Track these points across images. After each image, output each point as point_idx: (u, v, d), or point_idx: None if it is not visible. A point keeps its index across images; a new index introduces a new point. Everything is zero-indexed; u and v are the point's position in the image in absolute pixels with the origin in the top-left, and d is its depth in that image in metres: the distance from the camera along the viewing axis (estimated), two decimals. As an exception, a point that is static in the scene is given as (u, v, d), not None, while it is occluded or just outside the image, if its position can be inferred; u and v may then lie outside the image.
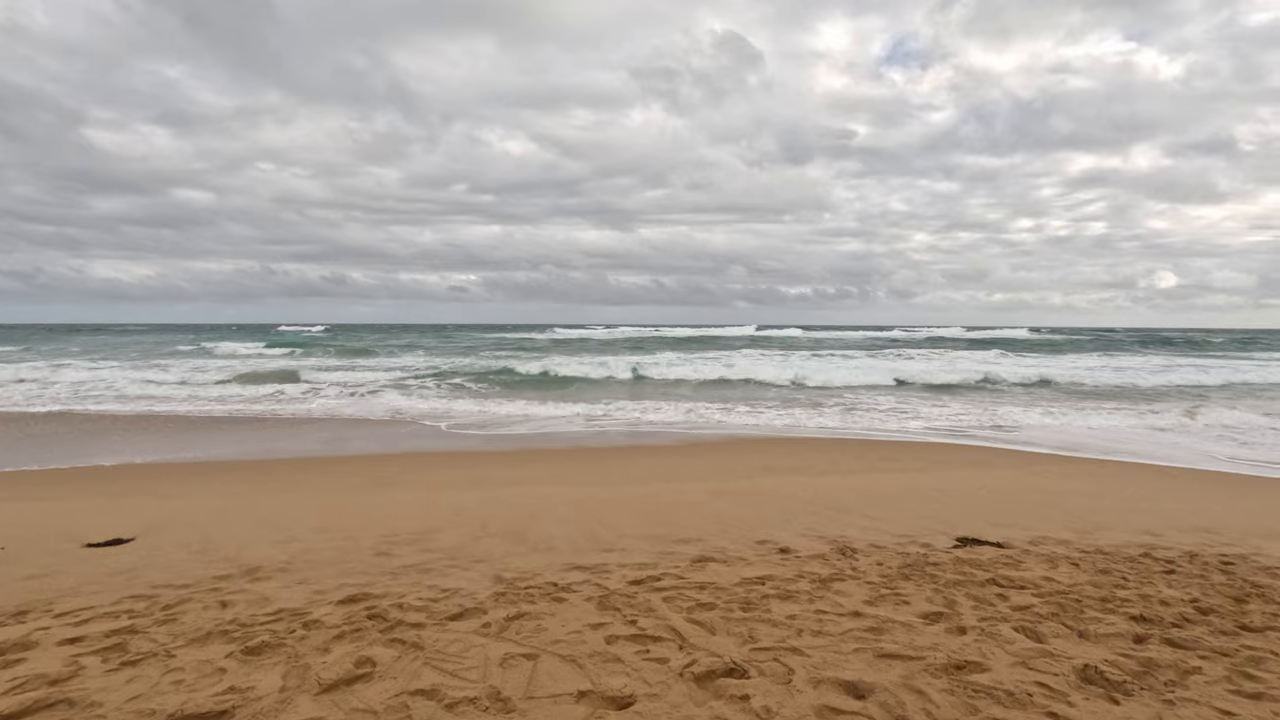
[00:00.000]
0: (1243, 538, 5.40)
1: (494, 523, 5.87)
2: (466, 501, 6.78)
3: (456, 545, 5.19)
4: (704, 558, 4.73)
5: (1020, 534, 5.47)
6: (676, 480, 7.87)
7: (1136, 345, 47.30)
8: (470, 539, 5.39)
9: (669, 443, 11.14)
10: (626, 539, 5.34)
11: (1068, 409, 15.29)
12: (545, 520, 5.94)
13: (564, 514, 6.18)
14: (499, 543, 5.27)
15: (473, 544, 5.24)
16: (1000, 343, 48.43)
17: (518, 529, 5.65)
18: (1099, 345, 47.89)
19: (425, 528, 5.71)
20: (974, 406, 15.57)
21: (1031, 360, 31.41)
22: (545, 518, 6.03)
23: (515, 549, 5.09)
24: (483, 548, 5.13)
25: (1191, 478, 8.47)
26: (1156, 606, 3.51)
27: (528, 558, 4.84)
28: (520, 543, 5.27)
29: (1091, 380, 21.17)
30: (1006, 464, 9.34)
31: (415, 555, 4.91)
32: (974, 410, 14.95)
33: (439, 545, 5.19)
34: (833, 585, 3.98)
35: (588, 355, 32.89)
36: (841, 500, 6.70)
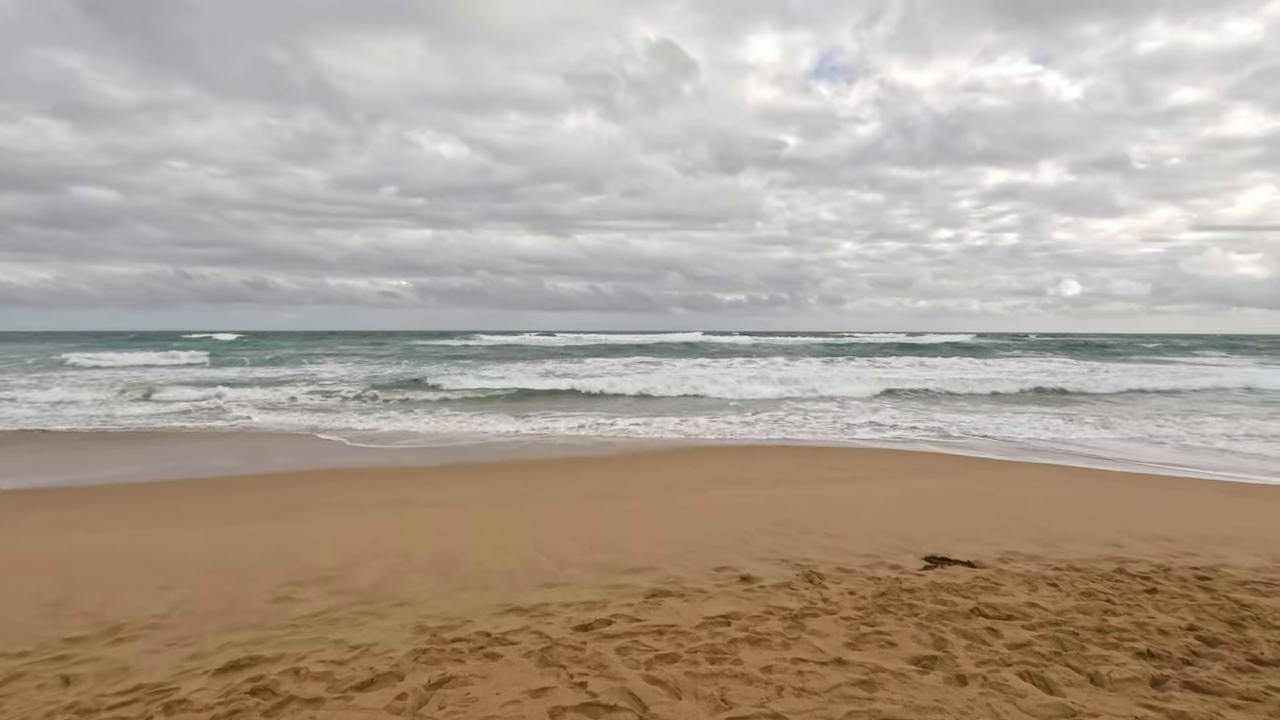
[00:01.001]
0: (1201, 545, 5.30)
1: (420, 553, 5.18)
2: (389, 527, 6.04)
3: (374, 584, 4.49)
4: (659, 591, 4.21)
5: (987, 550, 5.20)
6: (621, 496, 7.34)
7: (1072, 350, 49.57)
8: (391, 575, 4.70)
9: (610, 453, 10.60)
10: (570, 569, 4.76)
11: (1009, 412, 15.61)
12: (478, 548, 5.29)
13: (499, 539, 5.55)
14: (424, 579, 4.60)
15: (394, 581, 4.55)
16: (936, 348, 50.13)
17: (447, 560, 4.99)
18: (1030, 347, 50.26)
19: (339, 561, 4.97)
20: (907, 413, 15.71)
21: (963, 365, 32.47)
22: (478, 545, 5.38)
23: (443, 586, 4.44)
24: (405, 586, 4.45)
25: (1130, 481, 8.55)
26: (1158, 638, 3.21)
27: (457, 598, 4.20)
28: (449, 578, 4.62)
29: (1026, 382, 21.92)
30: (951, 470, 9.24)
31: (323, 599, 4.19)
32: (908, 415, 15.06)
33: (354, 585, 4.48)
34: (806, 623, 3.53)
35: (525, 363, 31.99)
36: (797, 515, 6.32)
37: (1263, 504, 7.12)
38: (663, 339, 59.06)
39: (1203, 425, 13.52)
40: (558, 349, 44.47)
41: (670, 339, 59.67)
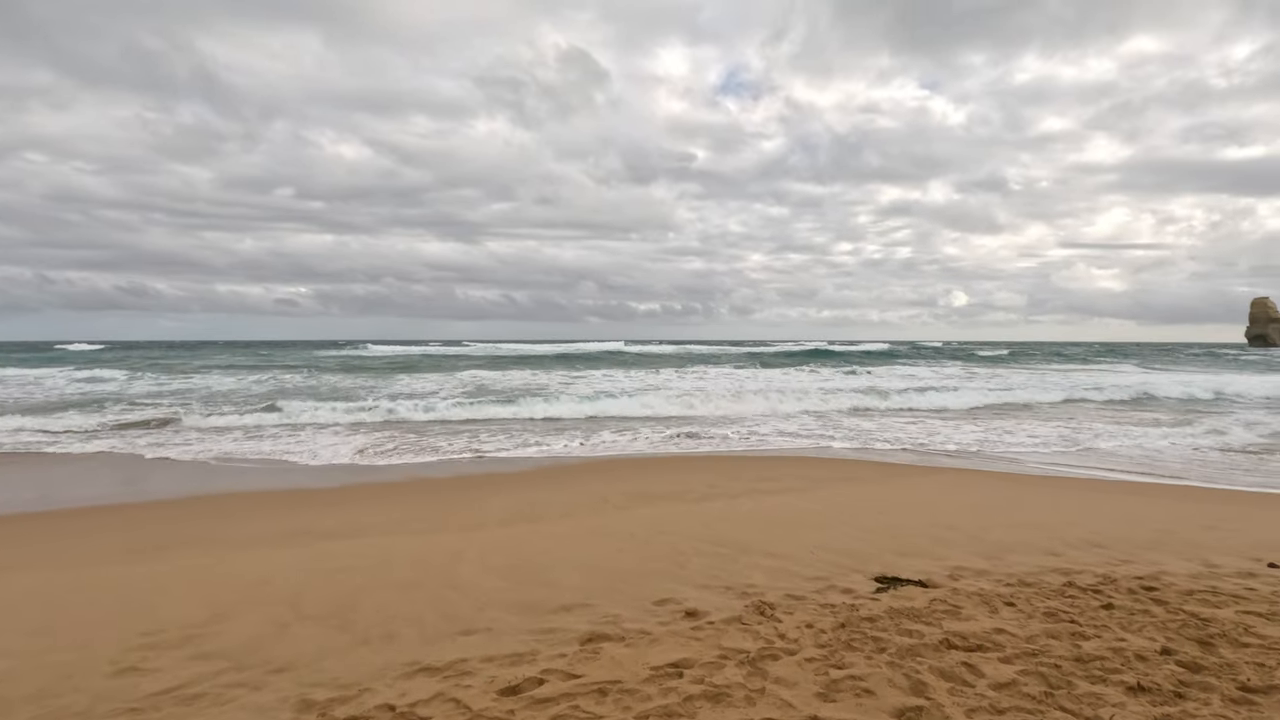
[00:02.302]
0: (1134, 552, 5.32)
1: (310, 598, 4.41)
2: (274, 566, 5.19)
3: (250, 642, 3.72)
4: (595, 635, 3.68)
5: (934, 565, 4.99)
6: (544, 518, 6.74)
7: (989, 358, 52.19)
8: (273, 629, 3.93)
9: (528, 468, 9.94)
10: (491, 611, 4.15)
11: (910, 417, 16.03)
12: (381, 588, 4.57)
13: (406, 576, 4.84)
14: (314, 632, 3.87)
15: (275, 638, 3.79)
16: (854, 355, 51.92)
17: (343, 606, 4.25)
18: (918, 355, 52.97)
19: (207, 615, 4.14)
20: (816, 420, 15.87)
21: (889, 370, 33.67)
22: (382, 584, 4.66)
23: (337, 641, 3.72)
24: (290, 643, 3.70)
25: (1047, 485, 8.76)
26: (1139, 666, 2.99)
27: (353, 656, 3.51)
28: (345, 629, 3.90)
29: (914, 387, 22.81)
30: (877, 478, 9.19)
31: (181, 668, 3.40)
32: (815, 424, 15.21)
33: (223, 645, 3.68)
34: (768, 669, 3.11)
35: (437, 374, 30.54)
36: (734, 533, 5.95)
37: (1171, 503, 7.39)
38: (583, 348, 58.10)
39: (1124, 429, 14.34)
40: (475, 359, 42.76)
41: (589, 348, 58.83)
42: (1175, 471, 9.70)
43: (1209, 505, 7.38)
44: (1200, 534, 5.87)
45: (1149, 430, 13.86)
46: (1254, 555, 5.17)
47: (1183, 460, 10.66)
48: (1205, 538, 5.73)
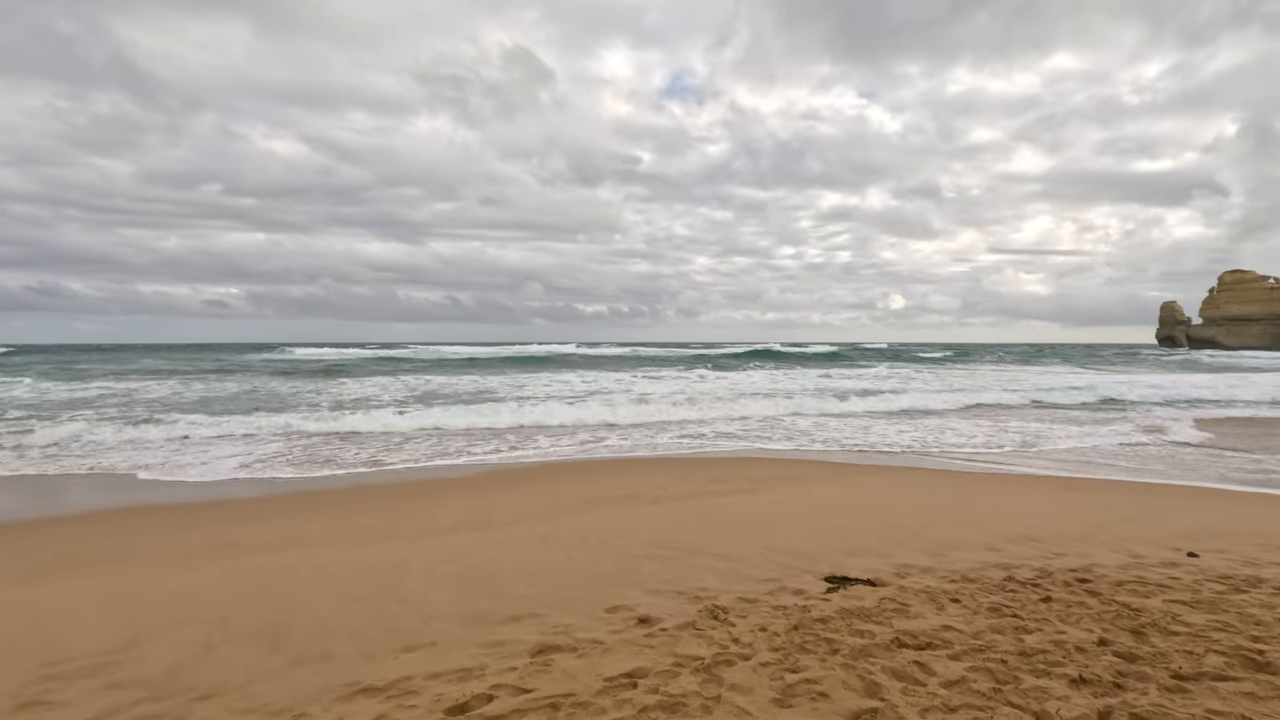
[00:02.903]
0: (1067, 545, 5.53)
1: (239, 617, 4.15)
2: (200, 583, 4.87)
3: (171, 668, 3.46)
4: (546, 646, 3.57)
5: (880, 563, 5.07)
6: (492, 525, 6.56)
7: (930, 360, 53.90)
8: (199, 651, 3.67)
9: (473, 473, 9.70)
10: (437, 624, 3.99)
11: (865, 419, 16.42)
12: (319, 603, 4.34)
13: (347, 589, 4.62)
14: (245, 653, 3.63)
15: (201, 661, 3.54)
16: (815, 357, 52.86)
17: (276, 624, 4.02)
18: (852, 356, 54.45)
19: (123, 639, 3.84)
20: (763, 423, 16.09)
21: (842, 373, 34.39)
22: (319, 599, 4.43)
23: (270, 663, 3.50)
24: (217, 666, 3.46)
25: (981, 481, 9.07)
26: (1079, 658, 3.08)
27: (288, 678, 3.30)
28: (278, 649, 3.68)
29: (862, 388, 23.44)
30: (822, 478, 9.32)
31: (92, 700, 3.13)
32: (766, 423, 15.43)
33: (140, 673, 3.42)
34: (723, 675, 3.06)
35: (383, 378, 29.66)
36: (686, 536, 5.92)
37: (1097, 497, 7.75)
38: (532, 350, 57.23)
39: (1048, 427, 14.98)
40: (419, 363, 41.61)
41: (537, 350, 58.08)
42: (1101, 466, 10.20)
43: (1131, 498, 7.76)
44: (1125, 526, 6.15)
45: (1088, 428, 14.57)
46: (1174, 545, 5.45)
47: (1107, 455, 11.23)
48: (1130, 530, 6.01)
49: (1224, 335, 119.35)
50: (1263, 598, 3.99)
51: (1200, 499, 7.81)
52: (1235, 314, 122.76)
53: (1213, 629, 3.45)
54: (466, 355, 47.83)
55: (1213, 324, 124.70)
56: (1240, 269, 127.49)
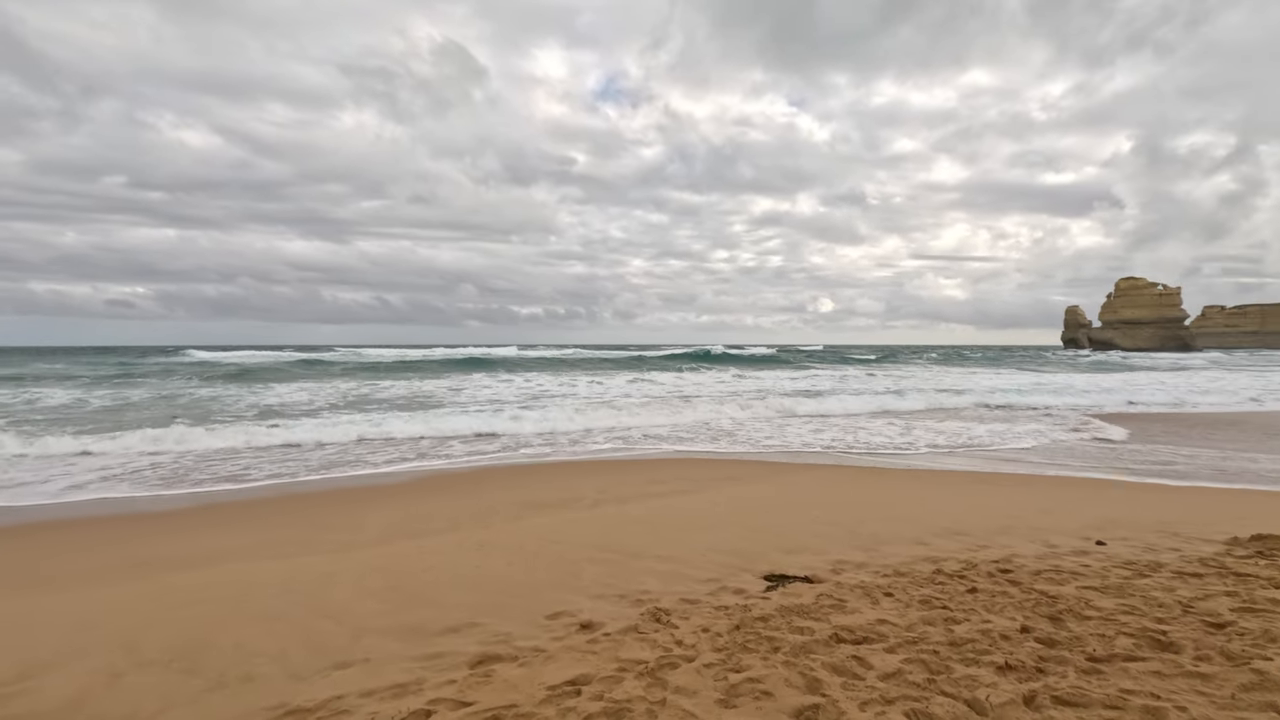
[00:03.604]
0: (989, 537, 5.81)
1: (151, 640, 3.86)
2: (105, 606, 4.51)
3: (73, 700, 3.18)
4: (486, 656, 3.47)
5: (817, 560, 5.19)
6: (426, 533, 6.36)
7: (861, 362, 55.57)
8: (104, 679, 3.39)
9: (405, 480, 9.39)
10: (370, 638, 3.82)
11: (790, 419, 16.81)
12: (239, 623, 4.09)
13: (269, 607, 4.37)
14: (156, 680, 3.38)
15: (106, 691, 3.28)
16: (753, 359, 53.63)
17: (192, 646, 3.76)
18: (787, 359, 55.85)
19: (17, 670, 3.52)
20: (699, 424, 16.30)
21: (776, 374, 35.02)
22: (239, 618, 4.17)
23: (184, 688, 3.27)
24: (124, 697, 3.21)
25: (908, 478, 9.43)
26: (1005, 645, 3.23)
27: (205, 705, 3.09)
28: (195, 673, 3.44)
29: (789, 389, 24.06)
30: (758, 477, 9.48)
31: (-23, 739, 2.84)
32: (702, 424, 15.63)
33: (36, 707, 3.13)
34: (668, 678, 3.05)
35: (309, 382, 28.37)
36: (626, 539, 5.90)
37: (1013, 490, 8.19)
38: (467, 352, 55.78)
39: (958, 426, 15.69)
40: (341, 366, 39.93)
41: (473, 352, 56.70)
42: (1019, 462, 10.79)
43: (1046, 491, 8.24)
44: (1041, 518, 6.52)
45: (1007, 426, 15.37)
46: (1085, 535, 5.81)
47: (1025, 451, 11.90)
48: (1046, 521, 6.37)
49: (1120, 337, 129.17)
50: (1163, 581, 4.29)
51: (1107, 490, 8.37)
52: (1129, 318, 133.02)
53: (1121, 612, 3.68)
54: (397, 358, 46.14)
55: (1110, 327, 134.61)
56: (1134, 276, 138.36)
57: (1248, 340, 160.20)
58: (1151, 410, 19.05)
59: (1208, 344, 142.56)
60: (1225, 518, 6.46)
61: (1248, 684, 2.73)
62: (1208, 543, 5.43)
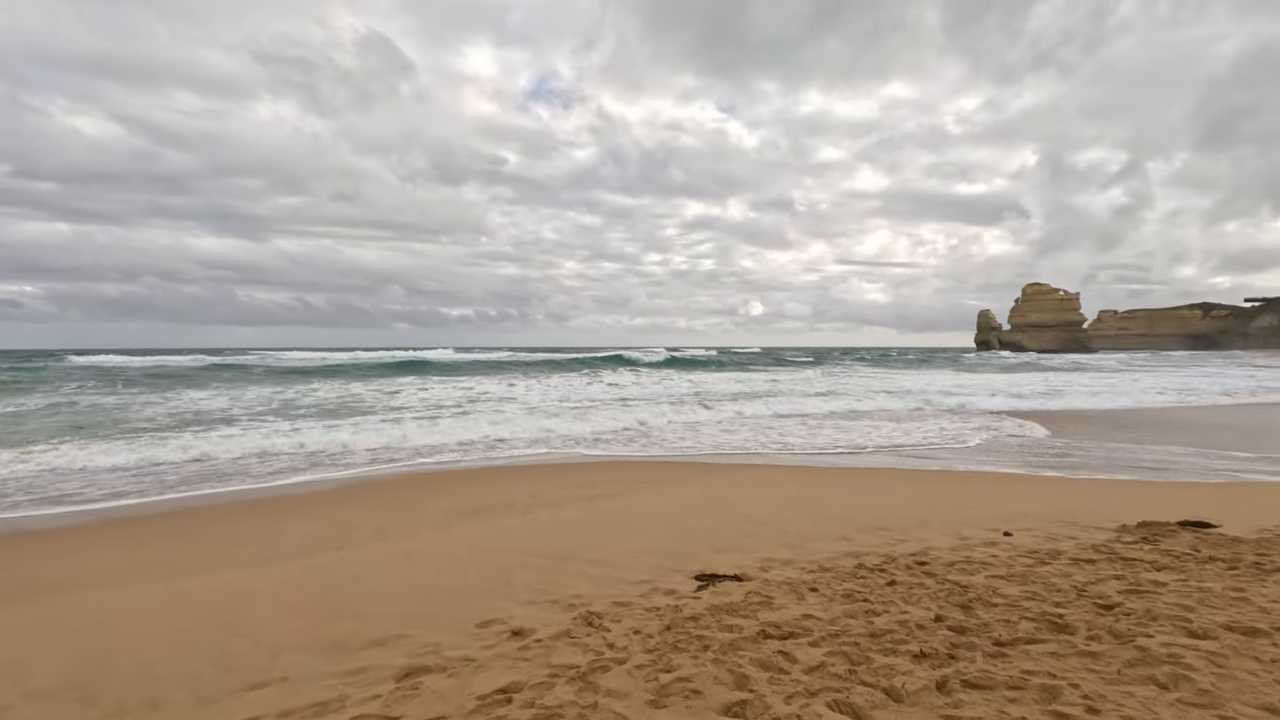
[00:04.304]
0: (908, 531, 6.09)
1: (40, 669, 3.58)
2: (-14, 633, 4.14)
3: (-54, 738, 2.91)
4: (414, 668, 3.39)
5: (746, 558, 5.31)
6: (351, 543, 6.14)
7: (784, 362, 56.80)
8: (-17, 714, 3.12)
9: (329, 488, 9.03)
10: (288, 655, 3.66)
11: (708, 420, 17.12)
12: (142, 646, 3.85)
13: (177, 627, 4.13)
14: (49, 711, 3.14)
15: (-14, 726, 3.01)
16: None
17: (88, 674, 3.51)
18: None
19: (-123, 709, 3.18)
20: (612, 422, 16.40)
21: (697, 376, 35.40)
22: (142, 641, 3.92)
23: (81, 719, 3.04)
24: (8, 731, 2.96)
25: (833, 476, 9.77)
26: (920, 634, 3.40)
27: (104, 735, 2.89)
28: (91, 703, 3.21)
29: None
30: (690, 479, 9.61)
31: None
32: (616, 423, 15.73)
33: (-98, 747, 2.84)
34: (599, 682, 3.06)
35: (227, 387, 26.86)
36: (559, 544, 5.88)
37: (930, 485, 8.61)
38: (397, 356, 53.90)
39: (870, 427, 16.33)
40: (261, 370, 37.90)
41: (402, 355, 54.85)
42: (937, 459, 11.35)
43: (960, 486, 8.70)
44: (955, 511, 6.88)
45: (925, 423, 16.11)
46: (993, 526, 6.17)
47: (942, 449, 12.52)
48: (959, 514, 6.73)
49: (1027, 339, 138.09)
50: (1061, 568, 4.61)
51: (1016, 484, 8.91)
52: (1035, 321, 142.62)
53: (1024, 599, 3.94)
54: (322, 361, 44.14)
55: (1018, 329, 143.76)
56: (1038, 282, 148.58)
57: (1137, 342, 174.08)
58: (1062, 408, 20.39)
59: (1102, 345, 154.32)
60: (1117, 507, 6.99)
61: (1131, 660, 2.97)
62: (1101, 530, 5.87)
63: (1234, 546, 5.05)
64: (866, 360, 65.49)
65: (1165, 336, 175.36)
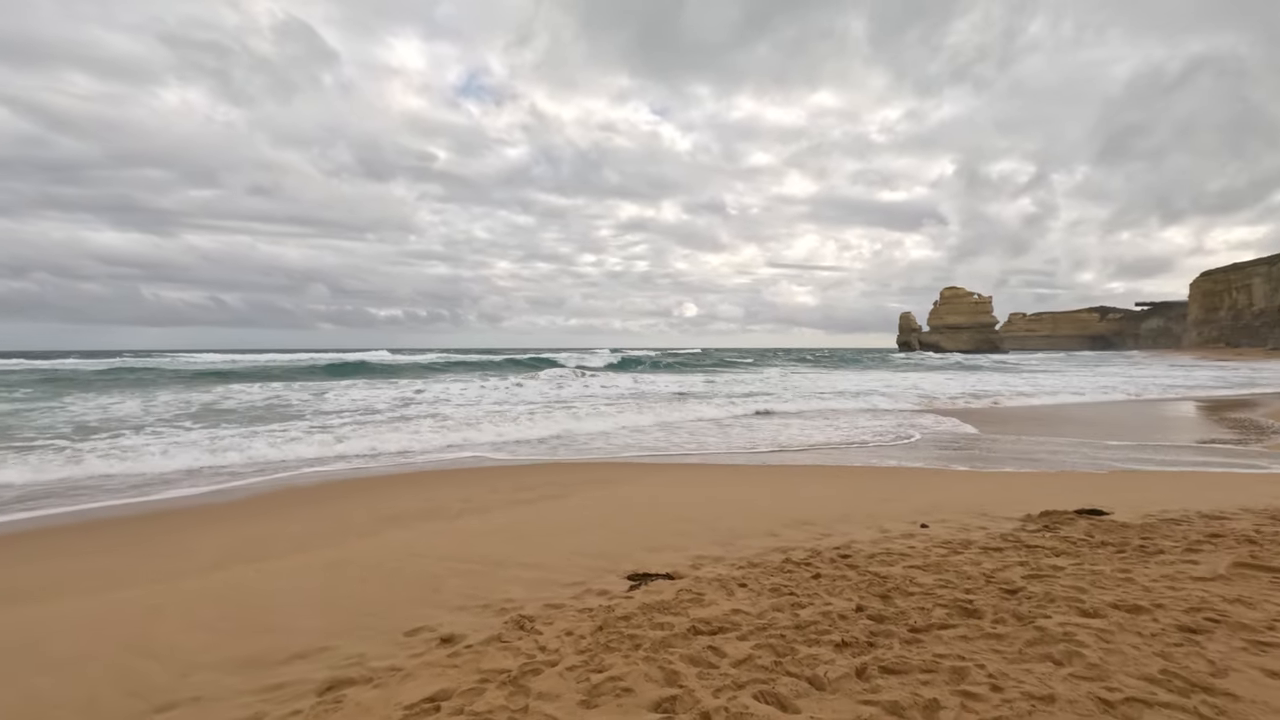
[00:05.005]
0: (832, 525, 6.31)
1: (-88, 702, 3.27)
2: None
3: None
4: (337, 681, 3.28)
5: (678, 557, 5.38)
6: (271, 554, 5.88)
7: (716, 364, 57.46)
8: None
9: (246, 497, 8.60)
10: (201, 674, 3.48)
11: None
12: (33, 671, 3.58)
13: (73, 650, 3.86)
14: (-80, 747, 2.87)
15: None
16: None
17: (-30, 704, 3.23)
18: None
19: None
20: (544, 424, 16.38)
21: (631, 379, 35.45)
22: (33, 666, 3.64)
23: (-40, 754, 2.81)
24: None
25: (762, 474, 10.02)
26: (842, 625, 3.54)
27: (-11, 769, 2.67)
28: (-26, 735, 2.96)
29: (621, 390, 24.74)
30: (625, 479, 9.65)
31: None
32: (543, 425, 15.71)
33: None
34: (530, 685, 3.05)
35: (132, 392, 25.12)
36: (491, 548, 5.80)
37: (855, 481, 8.95)
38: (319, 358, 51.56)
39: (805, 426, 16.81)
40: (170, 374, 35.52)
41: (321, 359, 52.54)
42: (863, 455, 11.80)
43: (883, 481, 9.08)
44: (877, 505, 7.18)
45: (852, 420, 16.69)
46: (912, 519, 6.47)
47: (868, 446, 13.02)
48: (881, 508, 7.02)
49: (945, 340, 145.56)
50: (972, 557, 4.89)
51: (935, 478, 9.36)
52: (951, 323, 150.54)
53: (938, 587, 4.16)
54: (234, 364, 41.56)
55: (937, 331, 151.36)
56: (955, 286, 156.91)
57: (1042, 343, 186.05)
58: (988, 406, 21.54)
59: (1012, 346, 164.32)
60: (1024, 498, 7.45)
61: (1031, 639, 3.19)
62: (1009, 520, 6.26)
63: (1123, 532, 5.48)
64: (809, 361, 67.38)
65: (1068, 337, 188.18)
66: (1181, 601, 3.67)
